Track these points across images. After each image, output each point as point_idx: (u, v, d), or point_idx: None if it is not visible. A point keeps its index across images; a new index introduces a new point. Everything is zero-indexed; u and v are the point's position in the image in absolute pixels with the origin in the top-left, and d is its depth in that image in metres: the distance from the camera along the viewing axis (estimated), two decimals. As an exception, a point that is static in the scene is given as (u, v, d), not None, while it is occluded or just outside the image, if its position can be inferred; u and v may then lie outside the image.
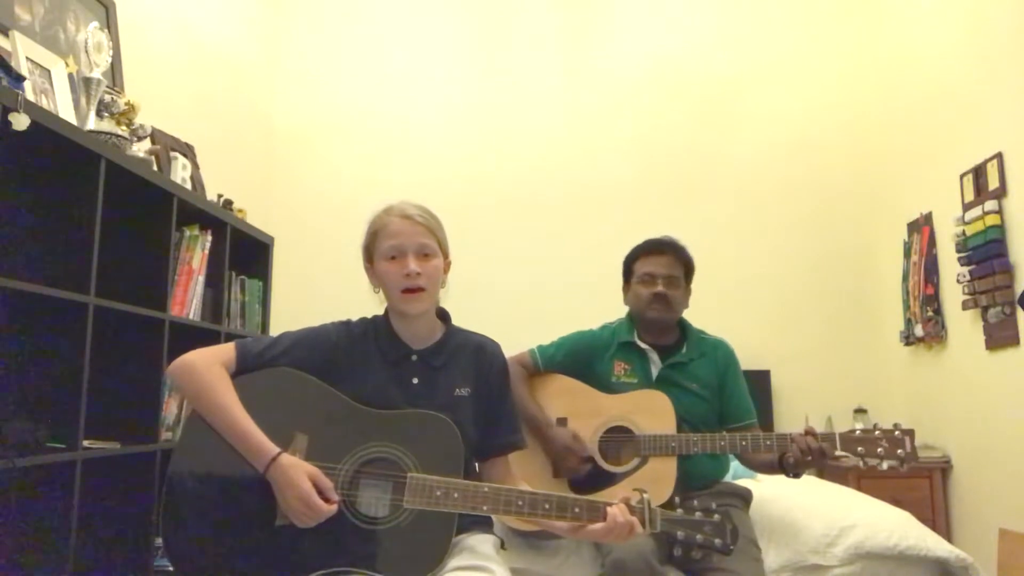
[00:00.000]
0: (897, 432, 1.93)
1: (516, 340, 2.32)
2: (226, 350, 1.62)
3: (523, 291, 4.14)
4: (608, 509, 1.50)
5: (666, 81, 4.32)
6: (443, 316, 1.78)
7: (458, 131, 4.37)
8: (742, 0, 4.36)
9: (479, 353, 1.74)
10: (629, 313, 2.36)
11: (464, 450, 1.57)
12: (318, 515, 1.46)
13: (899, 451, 1.91)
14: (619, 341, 2.29)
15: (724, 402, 2.24)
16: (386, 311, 1.75)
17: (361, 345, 1.70)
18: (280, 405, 1.59)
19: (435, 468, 1.53)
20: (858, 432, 1.98)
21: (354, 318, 1.77)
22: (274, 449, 1.49)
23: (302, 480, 1.46)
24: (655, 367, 2.25)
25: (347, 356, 1.67)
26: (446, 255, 1.73)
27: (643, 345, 2.27)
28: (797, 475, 2.05)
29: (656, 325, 2.27)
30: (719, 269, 3.92)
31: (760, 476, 2.64)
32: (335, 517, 1.49)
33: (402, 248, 1.65)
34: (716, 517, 1.54)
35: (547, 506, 1.52)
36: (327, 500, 1.48)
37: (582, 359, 2.29)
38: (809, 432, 1.98)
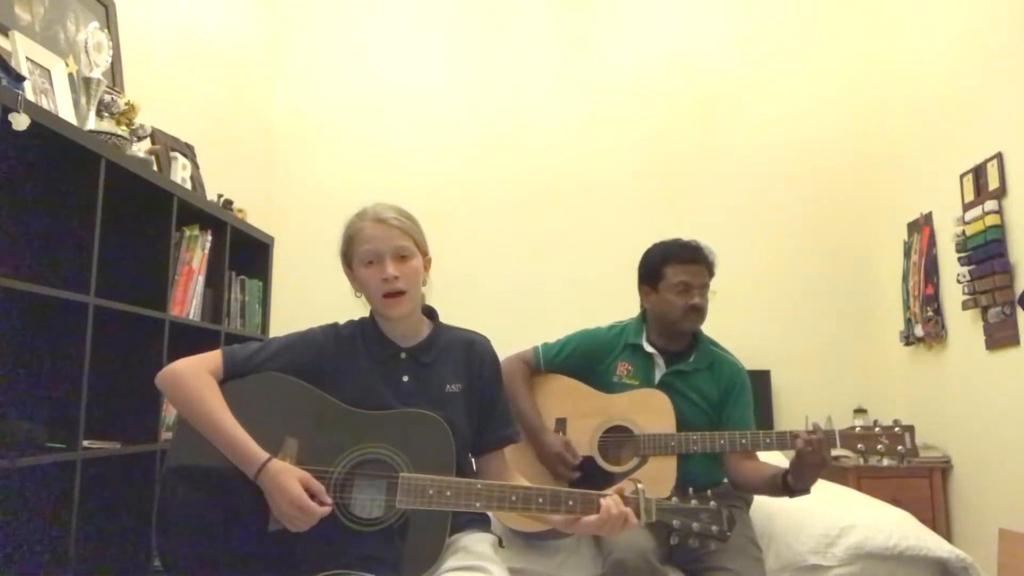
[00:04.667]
0: (897, 428, 1.93)
1: (516, 339, 2.31)
2: (213, 357, 1.62)
3: (523, 290, 4.14)
4: (601, 501, 1.49)
5: (666, 81, 4.32)
6: (430, 313, 1.78)
7: (458, 130, 4.36)
8: (742, 1, 4.36)
9: (469, 349, 1.73)
10: (643, 314, 2.32)
11: (455, 448, 1.57)
12: (311, 518, 1.46)
13: (899, 447, 1.91)
14: (626, 342, 2.27)
15: (723, 421, 2.20)
16: (372, 312, 1.75)
17: (349, 347, 1.70)
18: (269, 410, 1.59)
19: (427, 467, 1.53)
20: (858, 429, 1.97)
21: (355, 318, 1.77)
22: (263, 455, 1.49)
23: (292, 485, 1.46)
24: (659, 371, 2.23)
25: (335, 358, 1.67)
26: (425, 253, 1.72)
27: (650, 349, 2.25)
28: (800, 491, 1.98)
29: (687, 334, 2.23)
30: (719, 269, 3.90)
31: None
32: (328, 520, 1.49)
33: (379, 252, 1.65)
34: (712, 504, 1.53)
35: (540, 500, 1.51)
36: (319, 504, 1.47)
37: (586, 359, 2.28)
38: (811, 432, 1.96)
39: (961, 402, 3.37)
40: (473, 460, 1.76)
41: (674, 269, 2.21)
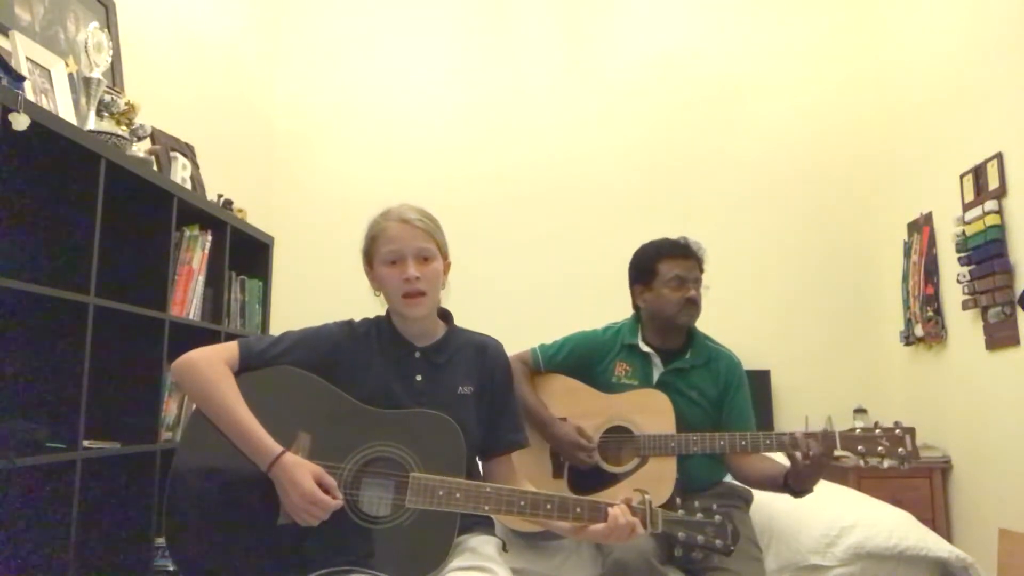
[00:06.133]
0: (898, 431, 1.92)
1: (516, 339, 2.31)
2: (229, 348, 1.63)
3: (523, 290, 4.14)
4: (609, 510, 1.49)
5: (667, 81, 4.32)
6: (445, 316, 1.79)
7: (459, 130, 4.37)
8: (742, 1, 4.36)
9: (482, 352, 1.74)
10: (636, 314, 2.33)
11: (466, 450, 1.58)
12: (322, 512, 1.46)
13: (900, 450, 1.90)
14: (623, 343, 2.28)
15: (723, 416, 2.21)
16: (388, 311, 1.75)
17: (364, 344, 1.70)
18: (283, 404, 1.60)
19: (437, 468, 1.53)
20: (858, 431, 1.97)
21: (356, 318, 1.77)
22: (277, 448, 1.50)
23: (305, 479, 1.46)
24: (657, 370, 2.23)
25: (350, 355, 1.68)
26: (445, 257, 1.73)
27: (646, 349, 2.25)
28: (800, 493, 2.00)
29: (683, 329, 2.25)
30: (719, 269, 3.88)
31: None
32: (337, 516, 1.49)
33: (401, 253, 1.65)
34: (717, 518, 1.54)
35: (549, 507, 1.52)
36: (331, 498, 1.48)
37: (584, 360, 2.28)
38: (809, 435, 1.96)
39: (961, 402, 3.37)
40: (480, 464, 1.76)
41: (667, 265, 2.23)
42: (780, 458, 2.29)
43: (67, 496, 1.88)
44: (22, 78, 1.99)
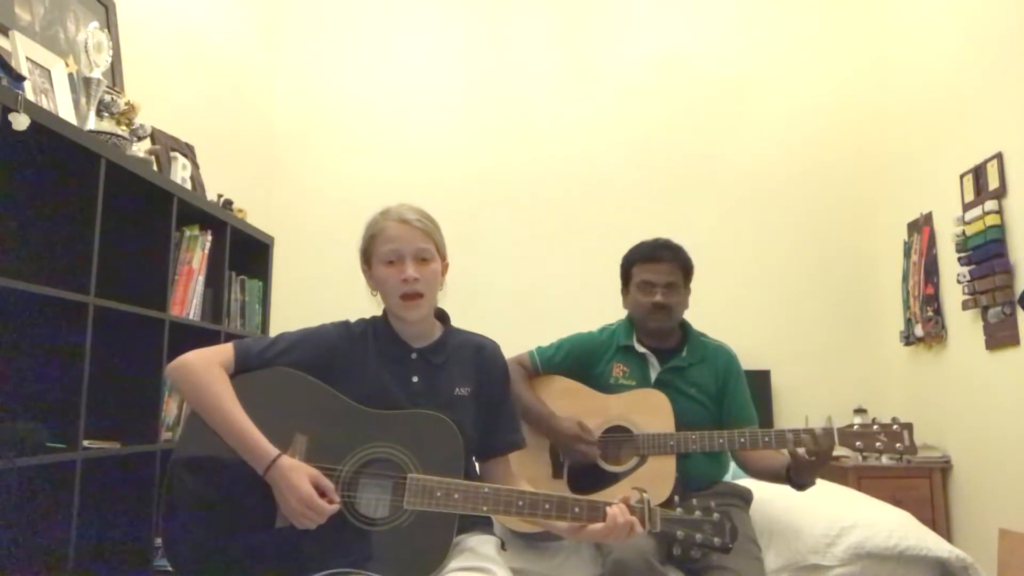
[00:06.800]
0: (895, 426, 1.93)
1: (516, 340, 2.31)
2: (225, 350, 1.63)
3: (523, 291, 4.14)
4: (608, 509, 1.50)
5: (666, 81, 4.32)
6: (442, 316, 1.78)
7: (458, 130, 4.37)
8: (742, 1, 4.36)
9: (479, 353, 1.74)
10: (629, 316, 2.35)
11: (464, 451, 1.57)
12: (320, 516, 1.46)
13: (897, 444, 1.92)
14: (618, 344, 2.28)
15: (724, 409, 2.22)
16: (385, 311, 1.75)
17: (361, 345, 1.70)
18: (280, 406, 1.59)
19: (435, 469, 1.53)
20: (856, 427, 1.98)
21: (353, 319, 1.77)
22: (274, 451, 1.49)
23: (303, 482, 1.46)
24: (654, 371, 2.24)
25: (347, 356, 1.67)
26: (444, 258, 1.73)
27: (642, 350, 2.26)
28: (803, 486, 2.04)
29: (657, 333, 2.26)
30: (719, 269, 3.91)
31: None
32: (335, 518, 1.49)
33: (400, 253, 1.65)
34: (715, 516, 1.54)
35: (547, 506, 1.51)
36: (328, 502, 1.48)
37: (581, 361, 2.29)
38: (807, 431, 1.98)
39: (961, 402, 3.36)
40: (477, 464, 1.76)
41: (637, 268, 2.26)
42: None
43: (67, 496, 1.88)
44: (22, 78, 1.99)
